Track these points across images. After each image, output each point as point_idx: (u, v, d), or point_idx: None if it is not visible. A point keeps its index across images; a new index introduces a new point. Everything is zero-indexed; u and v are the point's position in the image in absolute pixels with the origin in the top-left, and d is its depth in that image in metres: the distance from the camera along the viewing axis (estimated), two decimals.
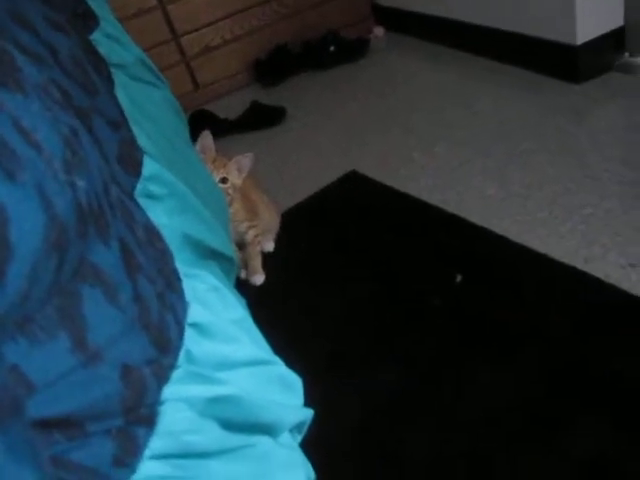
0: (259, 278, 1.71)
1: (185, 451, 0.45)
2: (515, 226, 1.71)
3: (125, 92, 0.73)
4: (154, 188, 0.64)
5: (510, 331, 1.43)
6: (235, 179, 1.58)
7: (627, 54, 2.24)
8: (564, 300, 1.48)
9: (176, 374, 0.48)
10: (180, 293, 0.53)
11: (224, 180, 1.55)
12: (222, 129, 2.51)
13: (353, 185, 2.07)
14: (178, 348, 0.49)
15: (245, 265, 1.74)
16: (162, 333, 0.47)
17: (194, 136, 2.53)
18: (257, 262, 1.74)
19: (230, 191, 1.56)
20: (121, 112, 0.65)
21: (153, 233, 0.55)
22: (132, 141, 0.63)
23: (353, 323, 1.55)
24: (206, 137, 1.59)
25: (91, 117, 0.57)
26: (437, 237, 1.76)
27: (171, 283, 0.52)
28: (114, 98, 0.68)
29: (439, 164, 2.05)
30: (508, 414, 1.25)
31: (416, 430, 1.26)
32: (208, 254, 0.71)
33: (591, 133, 2.00)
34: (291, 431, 0.69)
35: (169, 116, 0.91)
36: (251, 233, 1.75)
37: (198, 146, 1.55)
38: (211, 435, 0.48)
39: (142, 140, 0.66)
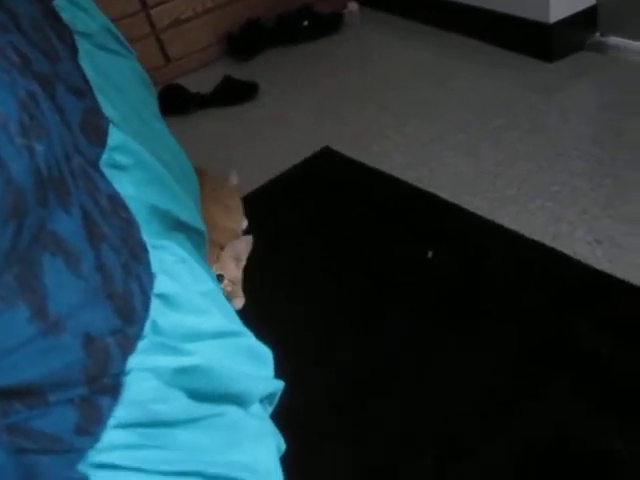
0: (238, 303, 1.50)
1: (151, 420, 0.45)
2: (486, 203, 1.72)
3: (90, 60, 0.71)
4: (120, 158, 0.62)
5: (480, 306, 1.46)
6: (233, 272, 1.32)
7: (598, 33, 2.26)
8: (532, 275, 1.51)
9: (142, 344, 0.48)
10: (146, 264, 0.52)
11: (219, 278, 1.28)
12: (193, 104, 2.47)
13: (326, 161, 2.06)
14: (144, 318, 0.48)
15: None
16: (127, 303, 0.47)
17: (165, 111, 2.49)
18: (239, 287, 1.52)
19: (228, 289, 1.32)
20: (85, 80, 0.64)
21: (118, 203, 0.55)
22: (97, 110, 0.61)
23: (325, 299, 1.55)
24: (244, 242, 1.34)
25: (53, 84, 0.56)
26: (409, 213, 1.77)
27: (137, 253, 0.51)
28: (78, 66, 0.66)
29: (412, 141, 2.05)
30: (477, 386, 1.28)
31: (388, 402, 1.28)
32: (177, 226, 0.70)
33: (562, 111, 2.02)
34: (262, 402, 0.69)
35: (137, 87, 0.89)
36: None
37: (234, 248, 1.31)
38: (178, 404, 0.47)
39: (108, 109, 0.65)
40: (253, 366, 0.61)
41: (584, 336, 1.35)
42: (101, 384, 0.43)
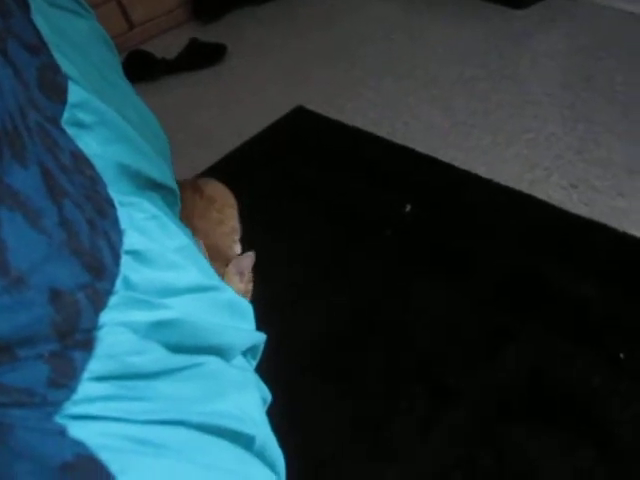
0: None
1: (128, 372, 0.45)
2: (461, 154, 1.72)
3: (44, 18, 0.69)
4: (83, 116, 0.61)
5: (460, 254, 1.47)
6: (238, 286, 1.29)
7: None
8: (510, 222, 1.52)
9: (114, 300, 0.47)
10: (114, 220, 0.51)
11: None
12: (160, 70, 2.41)
13: (300, 121, 2.04)
14: (114, 274, 0.48)
15: None
16: (95, 259, 0.46)
17: (131, 78, 2.43)
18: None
19: None
20: (39, 37, 0.61)
21: (81, 160, 0.53)
22: (54, 67, 0.59)
23: (306, 256, 1.55)
24: (249, 257, 1.30)
25: (5, 39, 0.53)
26: (386, 168, 1.77)
27: (102, 210, 0.50)
28: (31, 22, 0.63)
29: (385, 96, 2.03)
30: (459, 331, 1.30)
31: (371, 348, 1.30)
32: (148, 185, 0.69)
33: (533, 58, 2.01)
34: (245, 355, 0.70)
35: (97, 46, 0.86)
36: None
37: (237, 265, 1.28)
38: (154, 356, 0.47)
39: (66, 66, 0.63)
40: (233, 319, 0.61)
41: (562, 278, 1.38)
42: (73, 339, 0.43)
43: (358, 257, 1.52)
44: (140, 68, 2.44)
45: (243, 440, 0.50)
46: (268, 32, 2.56)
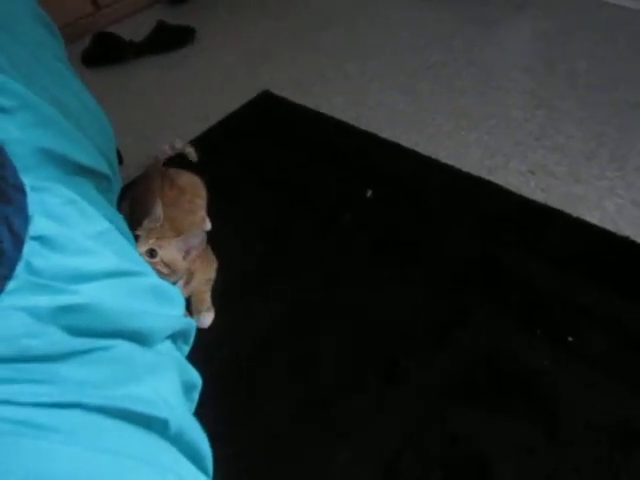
0: (207, 318, 1.37)
1: (24, 355, 0.45)
2: (424, 139, 1.73)
3: None
4: (1, 100, 0.60)
5: (416, 238, 1.48)
6: (177, 259, 1.27)
7: None
8: (468, 208, 1.53)
9: (12, 285, 0.47)
10: (18, 206, 0.51)
11: (152, 253, 1.23)
12: (127, 52, 2.38)
13: (266, 105, 2.03)
14: (14, 259, 0.48)
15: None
16: None
17: (98, 61, 2.40)
18: (205, 298, 1.40)
19: (164, 270, 1.25)
20: None
21: None
22: None
23: (265, 238, 1.55)
24: (156, 205, 1.29)
25: None
26: (350, 153, 1.77)
27: (5, 195, 0.50)
28: None
29: (351, 81, 2.03)
30: (414, 315, 1.32)
31: (322, 333, 1.31)
32: (76, 170, 0.69)
33: (498, 44, 2.01)
34: (175, 341, 0.70)
35: (32, 27, 0.85)
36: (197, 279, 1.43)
37: (185, 240, 1.26)
38: (54, 339, 0.47)
39: None
40: (156, 304, 0.61)
41: (517, 263, 1.39)
42: None
43: (317, 240, 1.52)
44: (107, 51, 2.41)
45: (155, 424, 0.51)
46: (237, 15, 2.54)
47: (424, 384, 1.20)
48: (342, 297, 1.38)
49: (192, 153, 1.78)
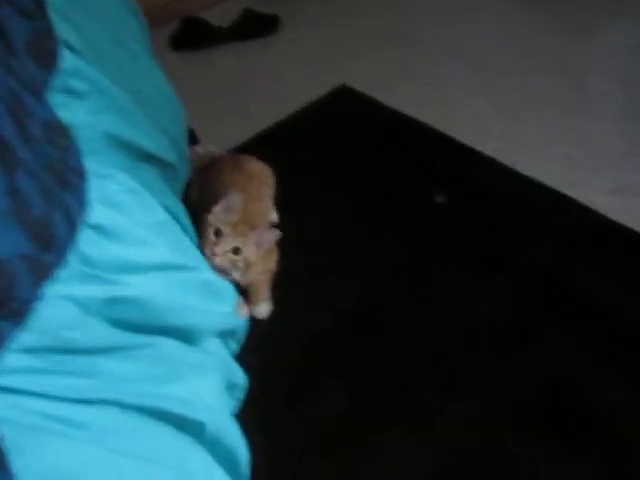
0: (264, 309, 1.37)
1: (65, 347, 0.45)
2: (504, 147, 1.66)
3: None
4: (75, 83, 0.60)
5: (486, 250, 1.42)
6: (251, 254, 1.29)
7: None
8: (545, 224, 1.46)
9: (64, 273, 0.47)
10: (78, 192, 0.50)
11: (236, 251, 1.25)
12: (214, 37, 2.41)
13: (344, 100, 2.00)
14: (66, 247, 0.47)
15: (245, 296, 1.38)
16: (45, 230, 0.46)
17: (184, 45, 2.44)
18: (264, 289, 1.39)
19: (240, 264, 1.27)
20: (38, 1, 0.61)
21: (55, 130, 0.53)
22: (48, 32, 0.59)
23: (330, 237, 1.53)
24: (236, 196, 1.29)
25: None
26: (425, 156, 1.72)
27: (66, 181, 0.50)
28: None
29: (435, 82, 1.97)
30: (475, 328, 1.27)
31: (384, 335, 1.28)
32: (142, 157, 0.69)
33: (593, 52, 1.90)
34: (224, 339, 0.69)
35: (116, 10, 0.86)
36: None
37: (224, 203, 1.28)
38: (97, 333, 0.47)
39: (65, 32, 0.62)
40: (206, 301, 0.61)
41: (594, 287, 1.31)
42: (8, 308, 0.43)
43: (384, 242, 1.49)
44: (194, 35, 2.45)
45: (190, 427, 0.50)
46: (323, 7, 2.52)
47: (481, 401, 1.15)
48: (402, 303, 1.34)
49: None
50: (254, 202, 1.46)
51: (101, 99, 0.63)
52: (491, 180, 1.60)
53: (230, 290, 0.67)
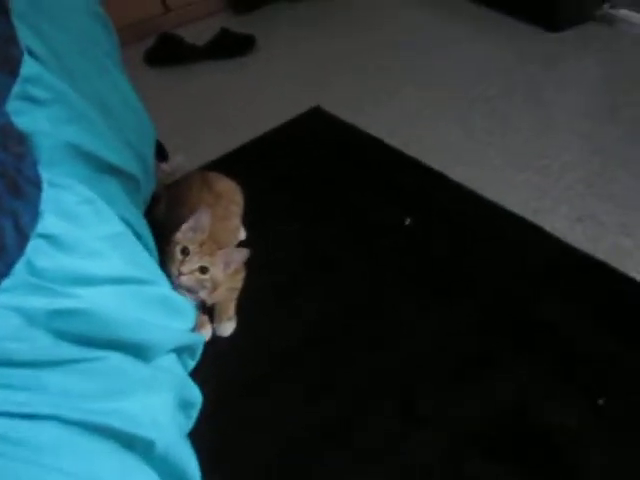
0: (228, 327, 1.35)
1: (7, 359, 0.43)
2: (471, 173, 1.68)
3: None
4: (35, 92, 0.60)
5: (453, 274, 1.43)
6: (218, 273, 1.27)
7: (608, 5, 2.17)
8: (508, 249, 1.48)
9: (7, 282, 0.45)
10: (31, 201, 0.49)
11: (203, 270, 1.23)
12: (188, 56, 2.41)
13: (315, 121, 2.02)
14: (13, 256, 0.46)
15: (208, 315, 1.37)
16: None
17: (159, 61, 2.43)
18: (229, 307, 1.38)
19: (207, 284, 1.26)
20: (1, 7, 0.60)
21: (10, 136, 0.52)
22: (10, 38, 0.58)
23: (298, 257, 1.53)
24: (204, 214, 1.27)
25: None
26: (394, 179, 1.74)
27: (18, 189, 0.49)
28: None
29: (404, 106, 2.00)
30: (437, 353, 1.27)
31: (344, 356, 1.28)
32: (103, 168, 0.68)
33: (560, 83, 1.95)
34: (180, 355, 0.68)
35: (87, 23, 0.86)
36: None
37: (192, 221, 1.27)
38: (40, 344, 0.45)
39: (28, 39, 0.62)
40: (162, 316, 0.60)
41: (554, 312, 1.33)
42: None
43: (349, 262, 1.49)
44: (170, 51, 2.45)
45: (138, 444, 0.48)
46: (299, 30, 2.55)
47: (442, 427, 1.15)
48: (368, 322, 1.34)
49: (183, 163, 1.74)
50: (222, 220, 1.46)
51: (63, 108, 0.62)
52: (457, 203, 1.62)
53: (188, 306, 0.66)
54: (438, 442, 1.13)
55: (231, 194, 1.55)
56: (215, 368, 1.10)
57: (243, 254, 1.31)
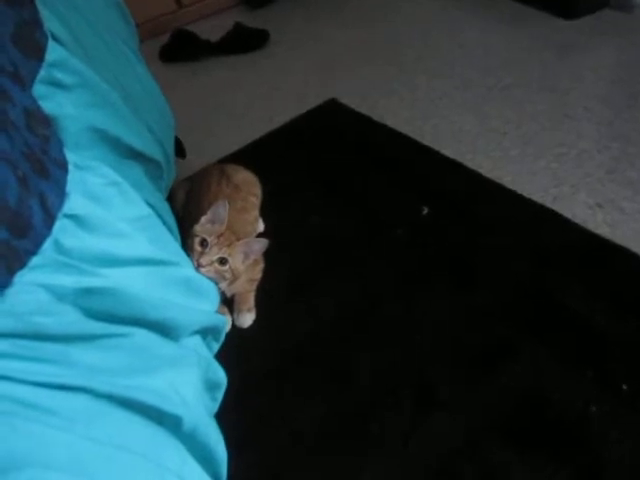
0: (248, 318, 1.35)
1: (33, 332, 0.44)
2: (488, 161, 1.68)
3: None
4: (61, 76, 0.60)
5: (471, 263, 1.42)
6: (238, 264, 1.27)
7: None
8: (529, 236, 1.47)
9: (36, 260, 0.46)
10: (57, 182, 0.50)
11: (222, 261, 1.23)
12: (203, 51, 2.43)
13: (331, 113, 2.02)
14: (42, 235, 0.47)
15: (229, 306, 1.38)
16: (19, 217, 0.45)
17: (174, 57, 2.45)
18: (248, 298, 1.39)
19: (227, 275, 1.24)
20: None
21: (37, 119, 0.53)
22: (35, 23, 0.59)
23: (316, 248, 1.53)
24: (222, 207, 1.27)
25: None
26: (410, 168, 1.73)
27: (45, 171, 0.49)
28: None
29: (419, 96, 1.99)
30: (456, 341, 1.27)
31: (362, 348, 1.28)
32: (127, 153, 0.68)
33: (576, 71, 1.93)
34: (204, 337, 0.68)
35: (107, 12, 0.87)
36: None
37: (210, 213, 1.28)
38: (68, 319, 0.46)
39: (53, 25, 0.62)
40: (186, 297, 0.60)
41: (573, 299, 1.32)
42: None
43: (366, 253, 1.49)
44: (184, 47, 2.47)
45: (166, 420, 0.49)
46: (312, 23, 2.55)
47: (459, 414, 1.15)
48: (385, 312, 1.34)
49: None
50: (241, 212, 1.47)
51: (87, 93, 0.63)
52: (475, 193, 1.61)
53: (213, 288, 0.66)
54: (457, 429, 1.12)
55: (249, 186, 1.56)
56: (236, 357, 1.11)
57: (263, 244, 1.31)
